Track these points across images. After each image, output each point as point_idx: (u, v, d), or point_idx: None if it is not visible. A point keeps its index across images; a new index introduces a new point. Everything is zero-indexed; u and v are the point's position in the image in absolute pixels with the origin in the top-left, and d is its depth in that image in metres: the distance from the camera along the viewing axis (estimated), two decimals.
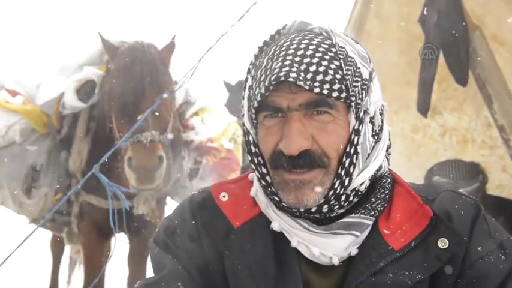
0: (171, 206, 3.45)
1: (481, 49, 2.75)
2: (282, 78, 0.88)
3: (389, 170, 1.05)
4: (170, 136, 2.91)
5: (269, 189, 0.97)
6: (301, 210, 0.94)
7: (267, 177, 0.97)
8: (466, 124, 3.46)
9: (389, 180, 1.02)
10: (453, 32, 2.70)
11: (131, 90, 2.76)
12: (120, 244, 3.16)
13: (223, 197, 1.04)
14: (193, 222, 1.04)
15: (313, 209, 0.94)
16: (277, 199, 0.96)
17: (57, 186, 3.19)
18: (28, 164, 3.22)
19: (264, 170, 0.97)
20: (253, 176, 1.05)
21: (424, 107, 2.93)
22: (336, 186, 0.93)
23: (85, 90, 3.15)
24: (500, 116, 2.83)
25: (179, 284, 0.97)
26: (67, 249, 4.09)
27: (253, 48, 1.01)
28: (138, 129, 2.56)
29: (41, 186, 3.20)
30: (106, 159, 2.29)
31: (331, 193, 0.93)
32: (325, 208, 0.94)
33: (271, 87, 0.90)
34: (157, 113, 2.68)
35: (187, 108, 3.45)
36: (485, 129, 3.38)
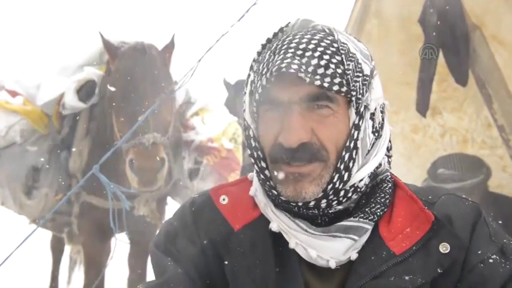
0: (171, 206, 3.45)
1: (481, 49, 2.75)
2: (283, 70, 0.89)
3: (391, 174, 1.05)
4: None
5: (267, 183, 0.97)
6: (299, 203, 0.94)
7: (266, 172, 0.97)
8: (466, 124, 3.45)
9: (390, 185, 1.02)
10: (453, 32, 2.70)
11: (132, 91, 2.76)
12: (120, 244, 3.16)
13: (223, 200, 1.04)
14: (194, 226, 1.04)
15: (312, 204, 0.94)
16: (276, 193, 0.96)
17: (58, 187, 3.19)
18: (29, 164, 3.22)
19: (263, 164, 0.97)
20: (253, 175, 1.05)
21: (423, 107, 2.93)
22: (335, 180, 0.93)
23: (85, 90, 3.16)
24: (500, 116, 2.83)
25: None
26: (67, 249, 4.10)
27: (254, 48, 1.02)
28: (139, 131, 2.56)
29: (42, 187, 3.20)
30: (106, 160, 2.30)
31: (330, 187, 0.93)
32: (323, 203, 0.94)
33: (272, 79, 0.91)
34: (158, 114, 2.68)
35: (187, 108, 3.46)
36: (485, 129, 3.38)
